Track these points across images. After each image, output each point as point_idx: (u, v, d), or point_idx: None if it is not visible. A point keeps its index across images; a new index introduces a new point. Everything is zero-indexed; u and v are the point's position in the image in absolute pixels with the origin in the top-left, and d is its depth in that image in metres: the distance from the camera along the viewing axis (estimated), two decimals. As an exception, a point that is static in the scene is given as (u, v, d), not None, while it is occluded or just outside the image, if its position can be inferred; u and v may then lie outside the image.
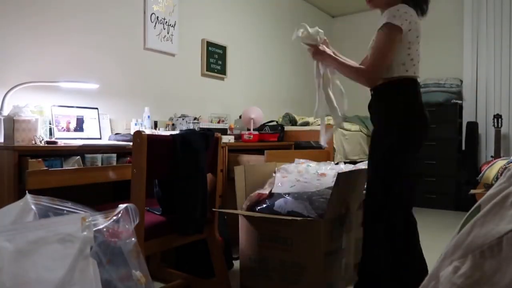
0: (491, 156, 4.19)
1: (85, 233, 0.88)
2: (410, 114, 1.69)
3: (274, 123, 3.54)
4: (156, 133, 2.31)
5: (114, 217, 0.97)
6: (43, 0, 2.36)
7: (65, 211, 1.01)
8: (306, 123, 3.71)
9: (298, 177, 2.12)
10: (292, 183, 2.01)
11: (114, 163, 2.08)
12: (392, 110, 1.70)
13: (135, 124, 2.60)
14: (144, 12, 2.98)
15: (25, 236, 0.85)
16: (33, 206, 0.99)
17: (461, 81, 4.68)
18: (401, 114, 1.68)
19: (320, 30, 1.87)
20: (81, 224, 0.88)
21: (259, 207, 2.04)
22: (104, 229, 0.94)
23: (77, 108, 2.35)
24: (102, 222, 0.95)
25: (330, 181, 2.04)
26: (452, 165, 4.47)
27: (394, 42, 1.64)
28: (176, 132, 1.98)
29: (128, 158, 2.13)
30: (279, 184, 2.06)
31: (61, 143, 1.93)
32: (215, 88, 3.69)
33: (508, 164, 3.02)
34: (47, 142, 1.92)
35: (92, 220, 0.92)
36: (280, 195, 2.04)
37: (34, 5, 2.32)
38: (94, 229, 0.91)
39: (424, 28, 1.80)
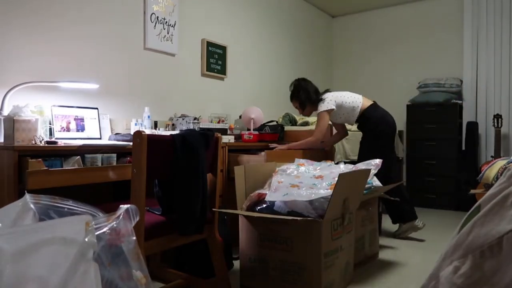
0: (491, 156, 4.19)
1: (88, 238, 0.87)
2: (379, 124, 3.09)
3: (274, 123, 3.53)
4: (156, 133, 2.31)
5: (116, 219, 0.97)
6: (43, 0, 2.36)
7: (66, 209, 1.01)
8: (306, 123, 3.71)
9: (294, 181, 2.11)
10: (285, 191, 2.00)
11: (114, 163, 2.08)
12: (367, 126, 3.13)
13: (135, 124, 2.60)
14: (144, 12, 2.98)
15: (26, 238, 0.85)
16: (32, 206, 0.99)
17: (461, 81, 4.68)
18: (372, 127, 3.09)
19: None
20: (85, 229, 0.87)
21: (259, 207, 2.04)
22: (106, 233, 0.94)
23: (77, 108, 2.35)
24: (104, 225, 0.95)
25: (325, 184, 2.04)
26: (452, 165, 4.47)
27: (327, 118, 3.04)
28: (176, 132, 1.98)
29: (128, 158, 2.13)
30: (273, 190, 2.05)
31: (61, 143, 1.93)
32: (215, 88, 3.69)
33: (508, 164, 3.01)
34: (47, 142, 1.92)
35: (95, 224, 0.91)
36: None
37: (34, 5, 2.32)
38: (97, 233, 0.91)
39: (424, 28, 1.83)
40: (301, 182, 2.10)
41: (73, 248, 0.86)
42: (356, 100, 3.06)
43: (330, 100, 3.01)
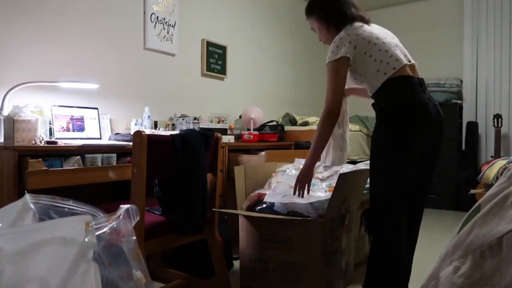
0: (491, 156, 4.19)
1: (88, 238, 0.87)
2: (402, 113, 1.66)
3: (274, 123, 3.53)
4: (156, 133, 2.31)
5: (116, 219, 0.97)
6: (43, 0, 2.36)
7: (66, 209, 1.01)
8: (306, 123, 3.71)
9: (293, 182, 2.10)
10: (284, 192, 1.99)
11: (114, 163, 2.08)
12: (385, 114, 1.67)
13: (135, 124, 2.60)
14: (144, 12, 2.98)
15: (26, 238, 0.85)
16: (32, 206, 0.99)
17: (461, 81, 4.68)
18: (392, 116, 1.66)
19: None
20: (85, 229, 0.87)
21: (259, 207, 2.04)
22: (106, 233, 0.94)
23: (77, 108, 2.34)
24: (104, 225, 0.95)
25: (324, 185, 2.03)
26: (452, 165, 4.47)
27: (340, 74, 1.70)
28: (176, 132, 1.98)
29: (128, 158, 2.13)
30: (272, 190, 2.04)
31: (61, 143, 1.93)
32: (215, 88, 3.69)
33: (508, 164, 3.01)
34: (47, 142, 1.92)
35: (95, 224, 0.91)
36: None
37: (34, 5, 2.32)
38: (97, 233, 0.90)
39: (424, 28, 1.82)
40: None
41: (73, 248, 0.86)
42: None
43: (344, 42, 1.72)
